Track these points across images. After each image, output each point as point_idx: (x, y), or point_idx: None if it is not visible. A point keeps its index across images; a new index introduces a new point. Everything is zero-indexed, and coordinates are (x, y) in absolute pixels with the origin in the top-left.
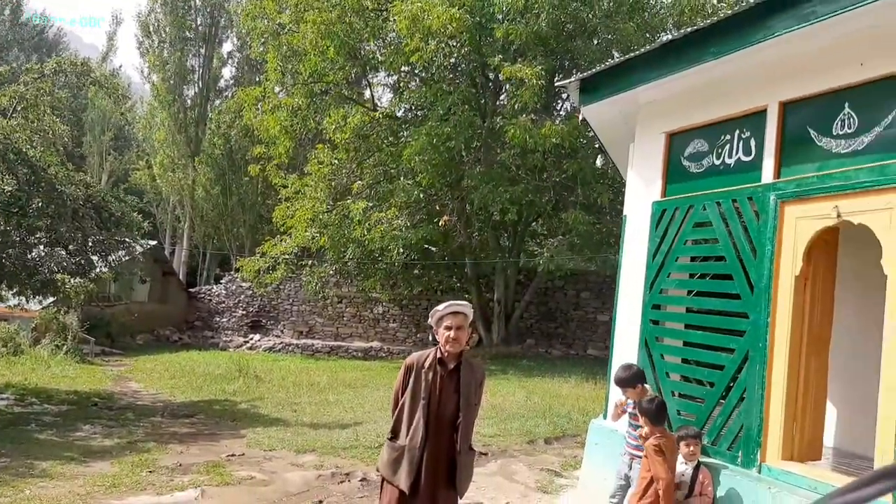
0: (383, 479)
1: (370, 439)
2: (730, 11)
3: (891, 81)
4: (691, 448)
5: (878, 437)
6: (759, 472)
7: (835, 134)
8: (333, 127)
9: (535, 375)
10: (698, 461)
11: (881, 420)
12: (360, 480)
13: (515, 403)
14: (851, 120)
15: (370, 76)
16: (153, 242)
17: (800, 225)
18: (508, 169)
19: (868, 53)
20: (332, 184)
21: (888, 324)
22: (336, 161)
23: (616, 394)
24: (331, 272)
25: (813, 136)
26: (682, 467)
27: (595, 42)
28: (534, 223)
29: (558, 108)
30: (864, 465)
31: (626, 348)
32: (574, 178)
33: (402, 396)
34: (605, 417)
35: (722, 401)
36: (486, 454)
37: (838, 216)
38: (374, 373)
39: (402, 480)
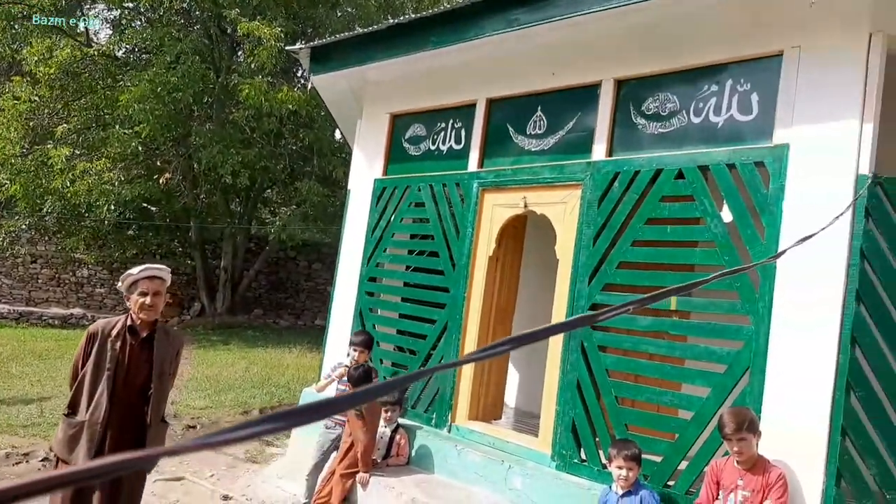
0: (58, 460)
1: (57, 416)
2: (451, 6)
3: (573, 92)
4: (389, 413)
5: (544, 397)
6: (450, 431)
7: (528, 133)
8: (36, 59)
9: (258, 346)
10: (397, 423)
11: (546, 383)
12: (41, 461)
13: (233, 374)
14: (542, 122)
15: (87, 6)
16: None
17: (495, 211)
18: (242, 131)
19: (559, 64)
20: (31, 124)
21: (557, 302)
22: (37, 98)
23: (329, 364)
24: (23, 227)
25: (511, 133)
26: (382, 430)
27: (338, 14)
28: (268, 190)
29: (298, 74)
30: (534, 421)
31: (342, 318)
32: (311, 148)
33: (82, 368)
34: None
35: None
36: (194, 427)
37: (525, 206)
38: (72, 342)
39: (80, 459)
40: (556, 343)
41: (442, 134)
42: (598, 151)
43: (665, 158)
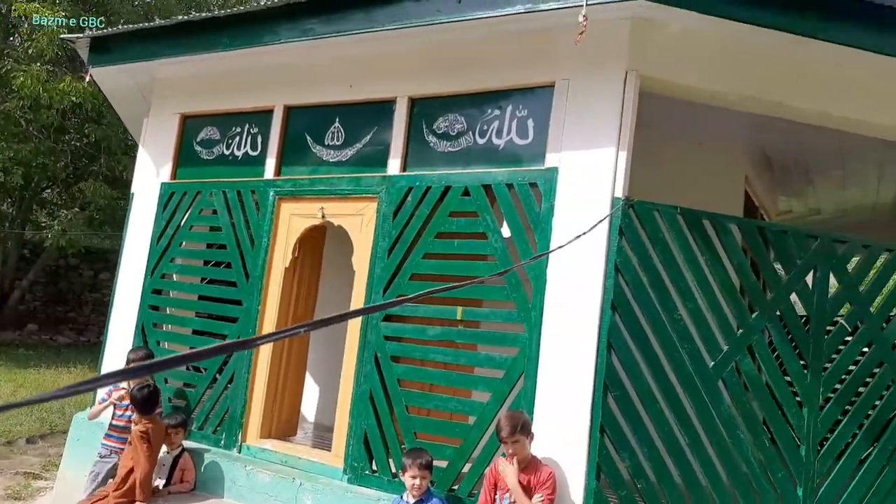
0: None
1: None
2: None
3: (370, 106)
4: (172, 436)
5: (337, 410)
6: (240, 451)
7: (326, 143)
8: None
9: (31, 366)
10: (182, 447)
11: (340, 396)
12: None
13: None
14: (340, 133)
15: None
16: None
17: (293, 221)
18: (16, 123)
19: (357, 77)
20: None
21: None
22: None
23: (105, 387)
24: None
25: (310, 142)
26: (163, 454)
27: (134, 3)
28: (47, 191)
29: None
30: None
31: (122, 334)
32: (98, 145)
33: None
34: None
35: (213, 386)
36: None
37: (323, 216)
38: None
39: None
40: (350, 354)
41: (237, 139)
42: (394, 166)
43: (453, 176)
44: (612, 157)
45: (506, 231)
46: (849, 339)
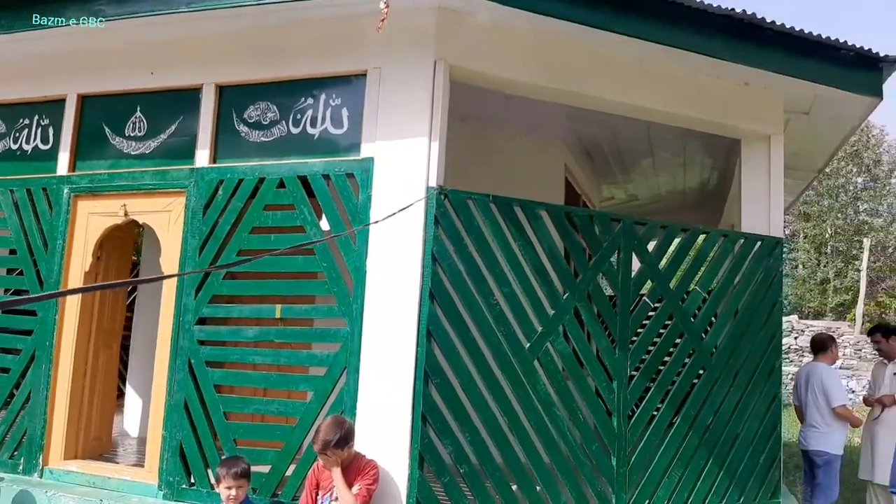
0: None
1: None
2: None
3: (175, 94)
4: None
5: (150, 423)
6: (41, 476)
7: (127, 135)
8: None
9: None
10: None
11: (153, 408)
12: None
13: None
14: (142, 124)
15: None
16: None
17: (92, 220)
18: None
19: (158, 64)
20: None
21: (162, 317)
22: None
23: None
24: None
25: (108, 133)
26: None
27: None
28: None
29: None
30: None
31: None
32: None
33: None
34: None
35: (6, 407)
36: None
37: (126, 214)
38: None
39: None
40: (161, 363)
41: (25, 132)
42: (202, 157)
43: (267, 167)
44: (426, 147)
45: (324, 224)
46: (652, 314)
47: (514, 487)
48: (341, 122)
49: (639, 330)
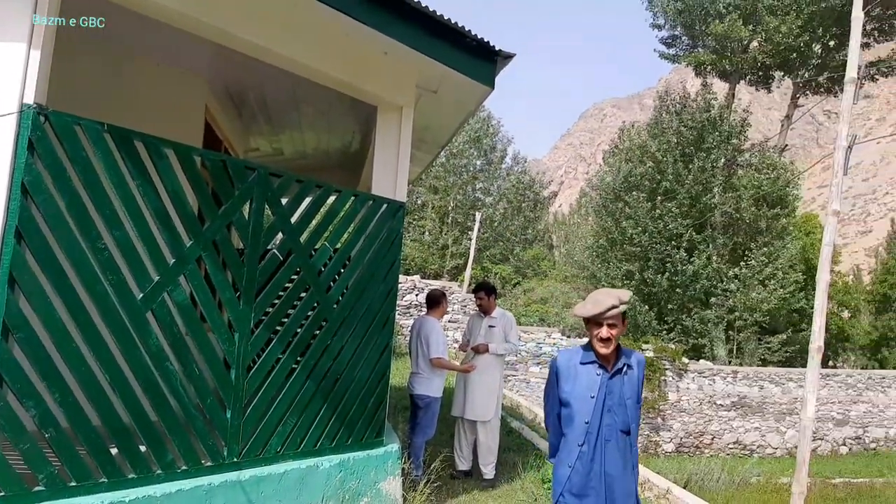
0: None
1: None
2: None
3: None
4: None
5: None
6: None
7: None
8: None
9: None
10: None
11: None
12: None
13: None
14: None
15: None
16: None
17: None
18: None
19: None
20: None
21: None
22: None
23: None
24: None
25: None
26: None
27: None
28: None
29: None
30: None
31: None
32: None
33: None
34: None
35: None
36: None
37: None
38: None
39: None
40: None
41: None
42: None
43: None
44: (23, 54)
45: None
46: (280, 268)
47: (114, 451)
48: None
49: (266, 283)
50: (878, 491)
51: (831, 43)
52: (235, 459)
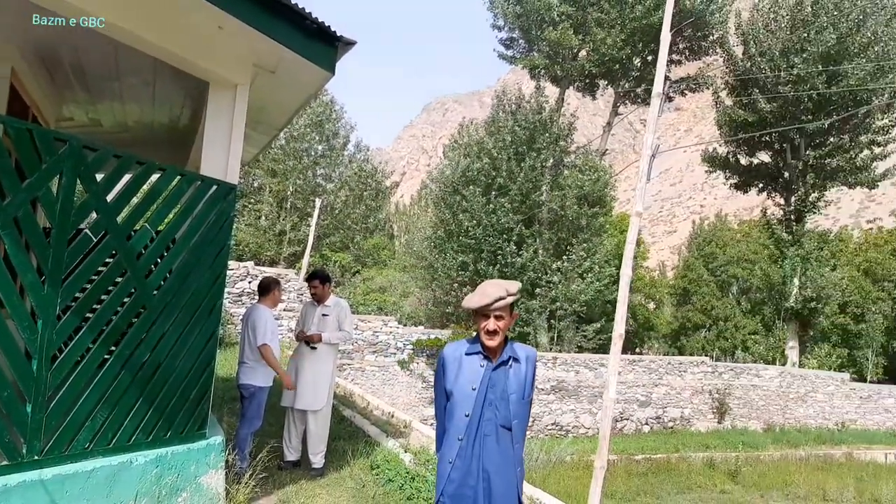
0: None
1: None
2: None
3: None
4: None
5: None
6: None
7: None
8: None
9: None
10: None
11: None
12: None
13: None
14: None
15: None
16: None
17: None
18: None
19: None
20: None
21: None
22: None
23: None
24: None
25: None
26: None
27: None
28: None
29: None
30: None
31: None
32: None
33: None
34: None
35: None
36: None
37: None
38: None
39: None
40: None
41: None
42: None
43: None
44: None
45: None
46: (93, 249)
47: None
48: None
49: (76, 265)
50: (673, 465)
51: (650, 58)
52: (36, 457)
